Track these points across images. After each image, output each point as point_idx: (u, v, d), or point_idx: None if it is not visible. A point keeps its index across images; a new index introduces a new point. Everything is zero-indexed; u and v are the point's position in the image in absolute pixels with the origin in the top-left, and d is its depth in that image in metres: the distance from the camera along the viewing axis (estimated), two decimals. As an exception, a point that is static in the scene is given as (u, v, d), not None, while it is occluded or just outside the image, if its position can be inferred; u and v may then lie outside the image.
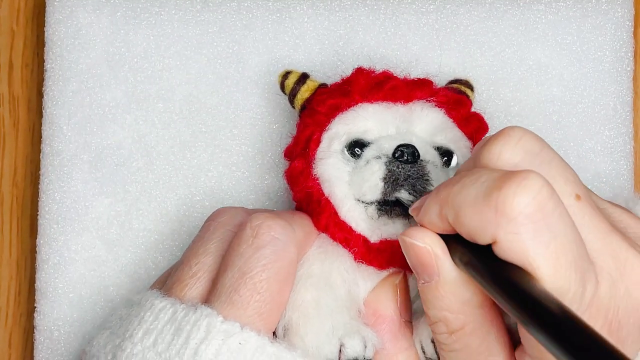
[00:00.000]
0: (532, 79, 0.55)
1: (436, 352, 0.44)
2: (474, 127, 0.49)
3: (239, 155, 0.54)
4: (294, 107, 0.50)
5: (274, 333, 0.43)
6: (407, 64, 0.54)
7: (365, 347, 0.43)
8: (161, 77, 0.54)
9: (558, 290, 0.35)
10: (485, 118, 0.54)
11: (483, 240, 0.36)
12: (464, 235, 0.37)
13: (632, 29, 0.55)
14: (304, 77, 0.49)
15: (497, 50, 0.55)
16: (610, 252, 0.37)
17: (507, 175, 0.36)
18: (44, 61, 0.54)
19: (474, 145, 0.48)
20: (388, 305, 0.45)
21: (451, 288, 0.39)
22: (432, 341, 0.44)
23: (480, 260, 0.37)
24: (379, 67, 0.52)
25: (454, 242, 0.38)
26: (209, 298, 0.42)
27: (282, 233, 0.43)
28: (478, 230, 0.36)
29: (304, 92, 0.49)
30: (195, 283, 0.43)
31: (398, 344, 0.44)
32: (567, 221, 0.36)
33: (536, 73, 0.55)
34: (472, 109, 0.50)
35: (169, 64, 0.54)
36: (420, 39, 0.55)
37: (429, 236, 0.39)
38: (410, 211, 0.42)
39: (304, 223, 0.46)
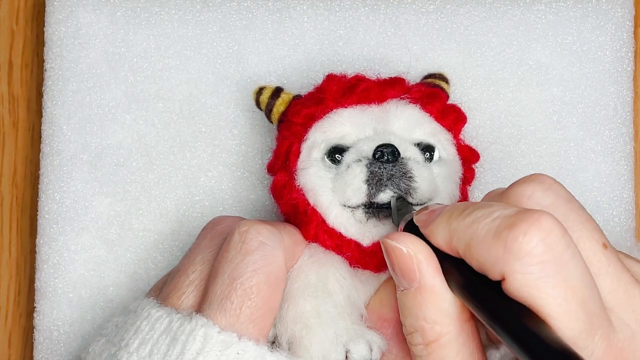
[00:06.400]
0: (532, 79, 0.55)
1: None
2: (452, 118, 0.49)
3: (239, 155, 0.54)
4: (271, 122, 0.50)
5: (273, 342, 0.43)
6: (407, 64, 0.54)
7: (371, 350, 0.43)
8: (161, 77, 0.54)
9: (565, 331, 0.35)
10: (486, 118, 0.54)
11: (492, 275, 0.36)
12: (474, 268, 0.37)
13: (632, 29, 0.55)
14: (277, 91, 0.49)
15: (498, 50, 0.55)
16: (632, 304, 0.37)
17: (520, 214, 0.36)
18: (43, 61, 0.54)
19: (454, 137, 0.48)
20: (392, 308, 0.44)
21: (430, 296, 0.39)
22: None
23: (483, 291, 0.37)
24: (378, 67, 0.52)
25: (455, 265, 0.38)
26: (201, 306, 0.42)
27: (269, 238, 0.43)
28: (488, 265, 0.36)
29: (279, 106, 0.49)
30: (193, 291, 0.43)
31: (406, 347, 0.43)
32: (579, 264, 0.36)
33: (536, 73, 0.55)
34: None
35: (169, 64, 0.54)
36: (420, 39, 0.55)
37: (413, 241, 0.39)
38: (415, 221, 0.41)
39: (292, 232, 0.46)
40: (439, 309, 0.39)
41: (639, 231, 0.55)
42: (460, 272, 0.38)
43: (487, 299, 0.36)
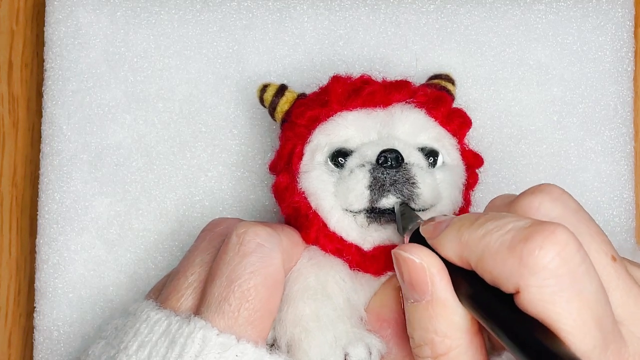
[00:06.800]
0: (532, 79, 0.55)
1: None
2: (457, 123, 0.48)
3: (239, 155, 0.54)
4: (275, 120, 0.49)
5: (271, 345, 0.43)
6: (407, 64, 0.54)
7: (370, 353, 0.43)
8: (161, 77, 0.54)
9: (579, 345, 0.34)
10: (486, 118, 0.54)
11: (506, 289, 0.36)
12: (487, 280, 0.37)
13: (633, 29, 0.55)
14: (282, 89, 0.49)
15: (498, 50, 0.55)
16: None
17: (534, 227, 0.35)
18: (43, 61, 0.54)
19: (459, 142, 0.48)
20: (391, 309, 0.44)
21: (442, 309, 0.38)
22: None
23: (495, 303, 0.36)
24: (379, 67, 0.52)
25: (465, 277, 0.38)
26: (199, 308, 0.42)
27: (267, 240, 0.43)
28: (501, 278, 0.36)
29: (283, 105, 0.48)
30: (192, 294, 0.43)
31: (406, 347, 0.44)
32: (593, 278, 0.35)
33: (537, 73, 0.55)
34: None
35: (169, 64, 0.54)
36: (421, 39, 0.55)
37: (426, 254, 0.39)
38: (422, 232, 0.41)
39: (290, 234, 0.45)
40: (451, 322, 0.38)
41: (639, 231, 0.55)
42: (470, 284, 0.37)
43: (499, 312, 0.36)
